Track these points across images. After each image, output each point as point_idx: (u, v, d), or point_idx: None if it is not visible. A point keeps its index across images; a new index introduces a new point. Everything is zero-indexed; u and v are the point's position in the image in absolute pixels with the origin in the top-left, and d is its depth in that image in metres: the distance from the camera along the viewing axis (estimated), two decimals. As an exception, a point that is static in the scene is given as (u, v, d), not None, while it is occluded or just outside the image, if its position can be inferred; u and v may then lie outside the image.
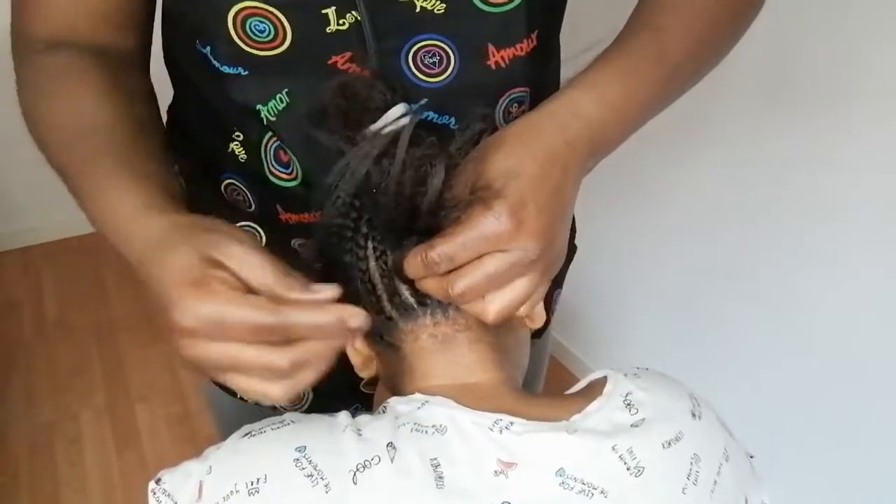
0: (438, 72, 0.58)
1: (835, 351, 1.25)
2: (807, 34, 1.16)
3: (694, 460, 0.49)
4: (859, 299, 1.19)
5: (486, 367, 0.53)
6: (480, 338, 0.53)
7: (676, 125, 1.44)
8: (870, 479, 1.25)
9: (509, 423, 0.47)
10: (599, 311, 1.88)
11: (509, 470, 0.45)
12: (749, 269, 1.38)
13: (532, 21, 0.59)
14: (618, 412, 0.50)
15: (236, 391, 0.43)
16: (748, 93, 1.29)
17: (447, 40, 0.56)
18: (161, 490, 0.47)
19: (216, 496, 0.45)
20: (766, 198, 1.31)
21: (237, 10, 0.52)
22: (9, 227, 2.53)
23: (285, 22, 0.53)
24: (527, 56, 0.60)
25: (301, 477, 0.44)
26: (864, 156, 1.12)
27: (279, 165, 0.62)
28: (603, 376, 0.53)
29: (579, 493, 0.45)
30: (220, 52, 0.55)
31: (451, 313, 0.52)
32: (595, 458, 0.47)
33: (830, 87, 1.15)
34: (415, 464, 0.45)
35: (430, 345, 0.52)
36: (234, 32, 0.53)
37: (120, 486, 1.76)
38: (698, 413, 0.52)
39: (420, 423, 0.47)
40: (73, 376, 2.06)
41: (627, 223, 1.69)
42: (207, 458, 0.48)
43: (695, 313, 1.56)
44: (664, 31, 0.57)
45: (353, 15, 0.53)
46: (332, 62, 0.55)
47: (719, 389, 0.56)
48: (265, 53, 0.54)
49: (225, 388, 0.80)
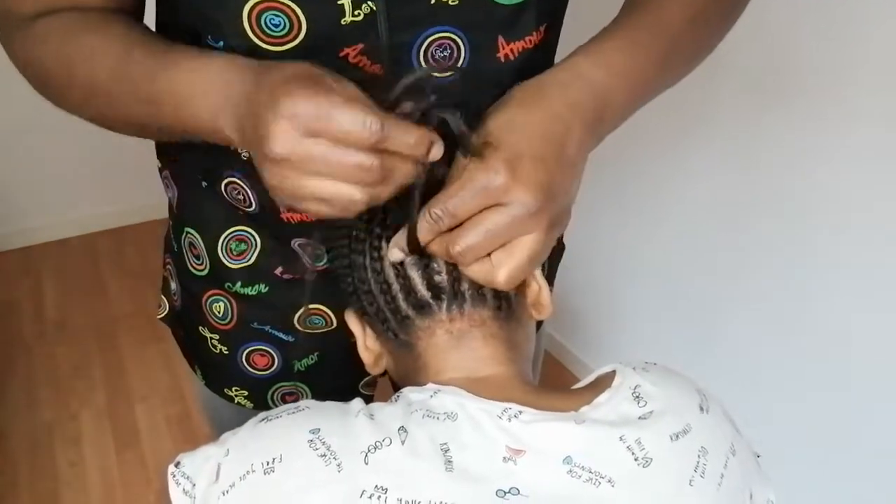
0: (448, 65, 0.58)
1: (836, 351, 1.25)
2: (807, 34, 1.16)
3: (701, 453, 0.49)
4: (860, 299, 1.19)
5: (499, 360, 0.53)
6: (494, 333, 0.54)
7: (676, 125, 1.45)
8: (870, 479, 1.25)
9: (518, 412, 0.47)
10: (599, 310, 1.88)
11: (518, 457, 0.46)
12: (749, 269, 1.39)
13: (542, 14, 0.60)
14: (626, 404, 0.50)
15: (317, 197, 0.45)
16: (748, 92, 1.29)
17: (459, 31, 0.56)
18: (180, 473, 0.49)
19: (233, 476, 0.46)
20: (767, 198, 1.31)
21: (253, 4, 0.51)
22: (9, 227, 2.53)
23: (301, 14, 0.52)
24: (534, 49, 0.60)
25: (315, 457, 0.45)
26: (865, 155, 1.12)
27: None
28: (612, 370, 0.54)
29: (586, 482, 0.46)
30: (234, 47, 0.55)
31: (466, 308, 0.52)
32: (602, 447, 0.47)
33: (830, 87, 1.15)
34: (425, 447, 0.46)
35: (445, 341, 0.53)
36: (249, 27, 0.52)
37: (120, 486, 1.76)
38: (706, 407, 0.52)
39: (432, 409, 0.48)
40: (73, 376, 2.06)
41: (628, 223, 1.69)
42: (225, 442, 0.49)
43: (695, 313, 1.56)
44: (663, 5, 0.58)
45: (368, 5, 0.53)
46: (343, 54, 0.55)
47: (719, 389, 0.56)
48: (279, 49, 0.54)
49: (220, 394, 0.80)
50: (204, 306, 0.75)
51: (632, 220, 1.68)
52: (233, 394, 0.79)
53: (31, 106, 0.62)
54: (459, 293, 0.52)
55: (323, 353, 0.76)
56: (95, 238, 2.59)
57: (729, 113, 1.34)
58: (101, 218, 2.56)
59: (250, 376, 0.77)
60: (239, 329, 0.74)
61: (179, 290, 0.78)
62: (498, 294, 0.53)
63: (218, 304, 0.74)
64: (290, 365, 0.77)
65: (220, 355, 0.77)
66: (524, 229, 0.48)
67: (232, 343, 0.76)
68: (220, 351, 0.76)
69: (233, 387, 0.79)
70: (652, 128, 1.50)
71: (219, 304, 0.74)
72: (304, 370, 0.78)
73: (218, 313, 0.74)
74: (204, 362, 0.80)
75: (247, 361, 0.76)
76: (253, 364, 0.76)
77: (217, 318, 0.75)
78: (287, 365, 0.77)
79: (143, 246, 2.47)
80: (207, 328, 0.76)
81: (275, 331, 0.74)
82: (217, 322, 0.75)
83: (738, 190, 1.37)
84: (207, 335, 0.76)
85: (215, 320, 0.75)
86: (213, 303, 0.74)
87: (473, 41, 0.57)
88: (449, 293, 0.52)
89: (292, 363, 0.77)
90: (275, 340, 0.75)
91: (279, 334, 0.74)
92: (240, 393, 0.79)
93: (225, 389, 0.79)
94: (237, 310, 0.74)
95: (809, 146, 1.20)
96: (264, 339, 0.75)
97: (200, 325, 0.76)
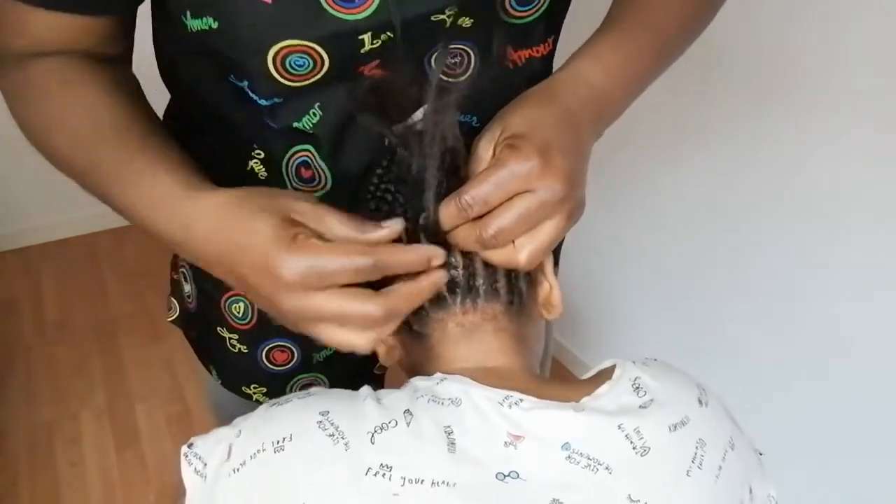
0: (459, 72, 0.59)
1: (837, 351, 1.25)
2: (808, 33, 1.16)
3: (699, 445, 0.50)
4: (861, 299, 1.19)
5: (507, 353, 0.55)
6: (505, 327, 0.55)
7: (676, 125, 1.45)
8: (871, 479, 1.25)
9: (519, 400, 0.49)
10: (599, 311, 1.88)
11: (518, 442, 0.47)
12: (750, 269, 1.39)
13: (550, 28, 0.63)
14: (626, 395, 0.51)
15: (326, 342, 0.47)
16: (748, 92, 1.29)
17: (471, 44, 0.58)
18: (193, 454, 0.50)
19: (244, 455, 0.48)
20: (767, 198, 1.31)
21: (277, 50, 0.52)
22: (9, 227, 2.53)
23: (324, 54, 0.53)
24: (542, 57, 0.63)
25: (323, 436, 0.47)
26: (865, 155, 1.12)
27: (301, 182, 0.63)
28: (612, 364, 0.55)
29: (584, 468, 0.47)
30: (259, 87, 0.56)
31: (479, 303, 0.54)
32: (601, 434, 0.48)
33: (830, 86, 1.15)
34: (429, 429, 0.47)
35: (457, 333, 0.54)
36: (274, 69, 0.53)
37: (120, 486, 1.76)
38: (705, 401, 0.54)
39: (437, 395, 0.50)
40: (73, 376, 2.06)
41: (628, 223, 1.69)
42: (237, 425, 0.51)
43: (695, 313, 1.56)
44: (655, 5, 0.61)
45: (387, 35, 0.54)
46: (360, 71, 0.56)
47: (720, 389, 0.56)
48: (303, 84, 0.55)
49: (237, 393, 0.81)
50: (223, 307, 0.75)
51: (632, 220, 1.68)
52: (251, 391, 0.80)
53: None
54: (474, 288, 0.54)
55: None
56: (95, 238, 2.59)
57: (730, 114, 1.34)
58: (101, 218, 2.55)
59: (270, 373, 0.78)
60: (259, 328, 0.75)
61: (195, 292, 0.79)
62: (510, 290, 0.55)
63: (237, 305, 0.74)
64: (309, 358, 0.78)
65: (239, 354, 0.77)
66: (550, 214, 0.50)
67: (252, 342, 0.77)
68: (238, 350, 0.77)
69: (251, 384, 0.80)
70: (650, 128, 1.50)
71: (238, 304, 0.74)
72: (323, 361, 0.79)
73: (238, 314, 0.75)
74: (221, 362, 0.81)
75: (266, 358, 0.77)
76: (273, 360, 0.77)
77: (237, 318, 0.75)
78: (306, 358, 0.78)
79: (143, 246, 2.47)
80: (226, 328, 0.77)
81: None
82: (236, 322, 0.76)
83: (737, 189, 1.37)
84: (226, 335, 0.77)
85: (235, 320, 0.76)
86: (233, 304, 0.75)
87: (483, 50, 0.59)
88: (464, 287, 0.54)
89: (311, 356, 0.78)
90: (294, 335, 0.75)
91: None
92: (258, 390, 0.80)
93: (243, 388, 0.80)
94: (257, 309, 0.74)
95: (811, 146, 1.20)
96: (284, 335, 0.76)
97: (219, 325, 0.77)
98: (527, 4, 0.58)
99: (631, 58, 0.59)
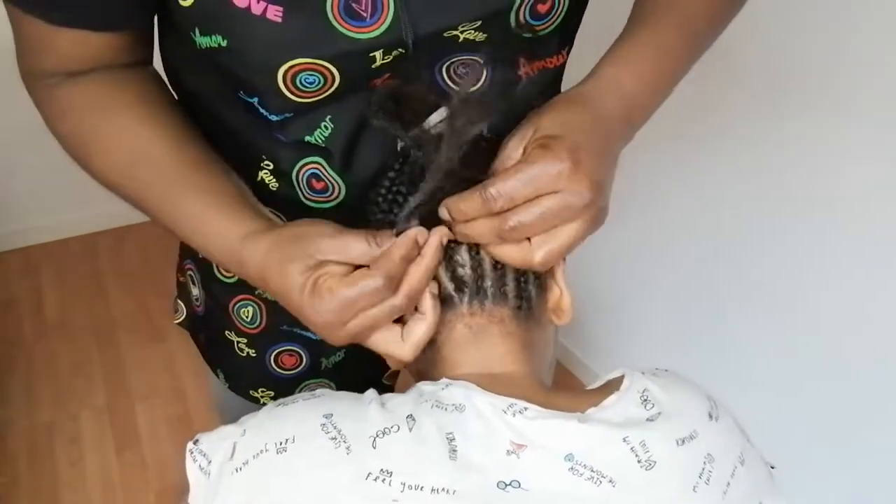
0: (472, 84, 0.59)
1: (838, 351, 1.25)
2: (810, 33, 1.16)
3: (707, 460, 0.49)
4: (862, 299, 1.19)
5: (515, 358, 0.54)
6: (512, 331, 0.55)
7: (676, 126, 1.44)
8: (871, 479, 1.25)
9: (523, 409, 0.48)
10: (601, 313, 1.87)
11: (521, 451, 0.47)
12: (751, 270, 1.38)
13: (564, 40, 0.62)
14: (633, 407, 0.50)
15: (383, 355, 0.53)
16: (748, 93, 1.29)
17: (483, 56, 0.58)
18: (198, 450, 0.51)
19: (247, 455, 0.48)
20: (768, 198, 1.30)
21: (287, 69, 0.52)
22: (9, 227, 2.52)
23: (335, 71, 0.53)
24: (555, 68, 0.63)
25: (326, 439, 0.47)
26: (865, 154, 1.12)
27: (313, 192, 0.63)
28: (621, 374, 0.54)
29: (588, 480, 0.46)
30: (269, 103, 0.56)
31: (487, 305, 0.54)
32: (605, 447, 0.47)
33: (831, 86, 1.15)
34: (431, 434, 0.47)
35: (464, 335, 0.54)
36: (284, 86, 0.53)
37: (120, 486, 1.76)
38: (715, 415, 0.52)
39: (441, 400, 0.49)
40: (73, 376, 2.06)
41: (629, 225, 1.68)
42: (243, 423, 0.51)
43: (697, 315, 1.56)
44: (683, 3, 0.60)
45: (399, 51, 0.54)
46: (371, 84, 0.57)
47: (721, 390, 0.56)
48: (314, 100, 0.55)
49: (245, 396, 0.81)
50: (231, 311, 0.76)
51: (634, 222, 1.67)
52: (258, 395, 0.80)
53: (31, 106, 0.62)
54: (482, 289, 0.54)
55: (350, 350, 0.77)
56: (95, 238, 2.58)
57: (729, 114, 1.34)
58: (101, 218, 2.55)
59: (278, 376, 0.78)
60: (268, 332, 0.75)
61: (203, 295, 0.79)
62: (519, 294, 0.55)
63: (246, 309, 0.75)
64: (317, 363, 0.78)
65: (248, 358, 0.78)
66: (573, 218, 0.49)
67: (260, 345, 0.77)
68: (247, 354, 0.77)
69: (259, 388, 0.80)
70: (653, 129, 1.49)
71: (247, 308, 0.75)
72: (332, 367, 0.79)
73: (246, 318, 0.75)
74: (228, 365, 0.81)
75: (275, 362, 0.78)
76: (281, 364, 0.78)
77: (245, 322, 0.76)
78: (315, 363, 0.78)
79: (143, 246, 2.46)
80: (234, 332, 0.77)
81: (304, 331, 0.75)
82: (245, 326, 0.76)
83: (740, 192, 1.36)
84: (234, 339, 0.77)
85: (243, 324, 0.76)
86: (242, 308, 0.75)
87: (495, 62, 0.59)
88: (472, 287, 0.54)
89: (320, 361, 0.78)
90: (303, 340, 0.76)
91: (308, 334, 0.75)
92: (266, 394, 0.80)
93: (250, 391, 0.81)
94: (266, 313, 0.75)
95: (811, 146, 1.20)
96: (293, 339, 0.76)
97: (227, 329, 0.77)
98: (541, 19, 0.57)
99: (662, 59, 0.58)
